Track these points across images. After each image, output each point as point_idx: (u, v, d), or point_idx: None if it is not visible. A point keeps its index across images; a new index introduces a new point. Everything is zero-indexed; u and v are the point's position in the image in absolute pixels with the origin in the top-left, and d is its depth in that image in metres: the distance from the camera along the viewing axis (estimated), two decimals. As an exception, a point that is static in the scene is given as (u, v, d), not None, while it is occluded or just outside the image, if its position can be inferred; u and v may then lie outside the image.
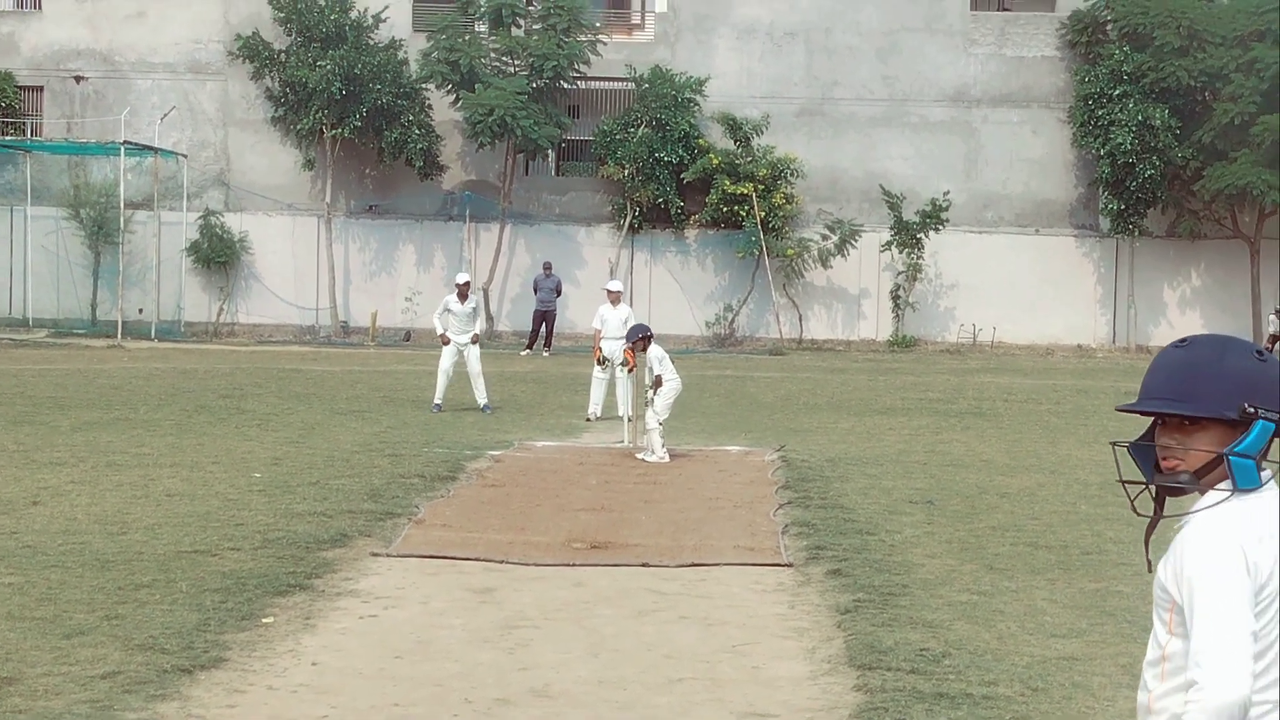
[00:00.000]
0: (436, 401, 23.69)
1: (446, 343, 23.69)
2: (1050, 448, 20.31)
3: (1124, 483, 3.81)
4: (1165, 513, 3.78)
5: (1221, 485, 3.65)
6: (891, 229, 42.27)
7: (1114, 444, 3.81)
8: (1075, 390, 30.10)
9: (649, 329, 20.19)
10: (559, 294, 40.63)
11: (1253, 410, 3.60)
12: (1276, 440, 3.67)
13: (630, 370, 20.52)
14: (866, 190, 43.10)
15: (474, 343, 23.78)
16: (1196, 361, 3.71)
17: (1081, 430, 22.63)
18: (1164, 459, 3.74)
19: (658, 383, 19.02)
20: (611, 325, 23.61)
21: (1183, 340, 3.79)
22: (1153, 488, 3.77)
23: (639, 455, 18.92)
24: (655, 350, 19.41)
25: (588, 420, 23.10)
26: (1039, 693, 8.37)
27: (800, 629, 10.08)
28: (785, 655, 9.41)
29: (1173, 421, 3.72)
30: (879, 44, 43.56)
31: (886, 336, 42.92)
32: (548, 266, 41.20)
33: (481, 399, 23.82)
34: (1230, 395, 3.62)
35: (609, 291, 24.65)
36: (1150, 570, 3.94)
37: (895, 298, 42.76)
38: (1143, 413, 3.75)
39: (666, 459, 18.54)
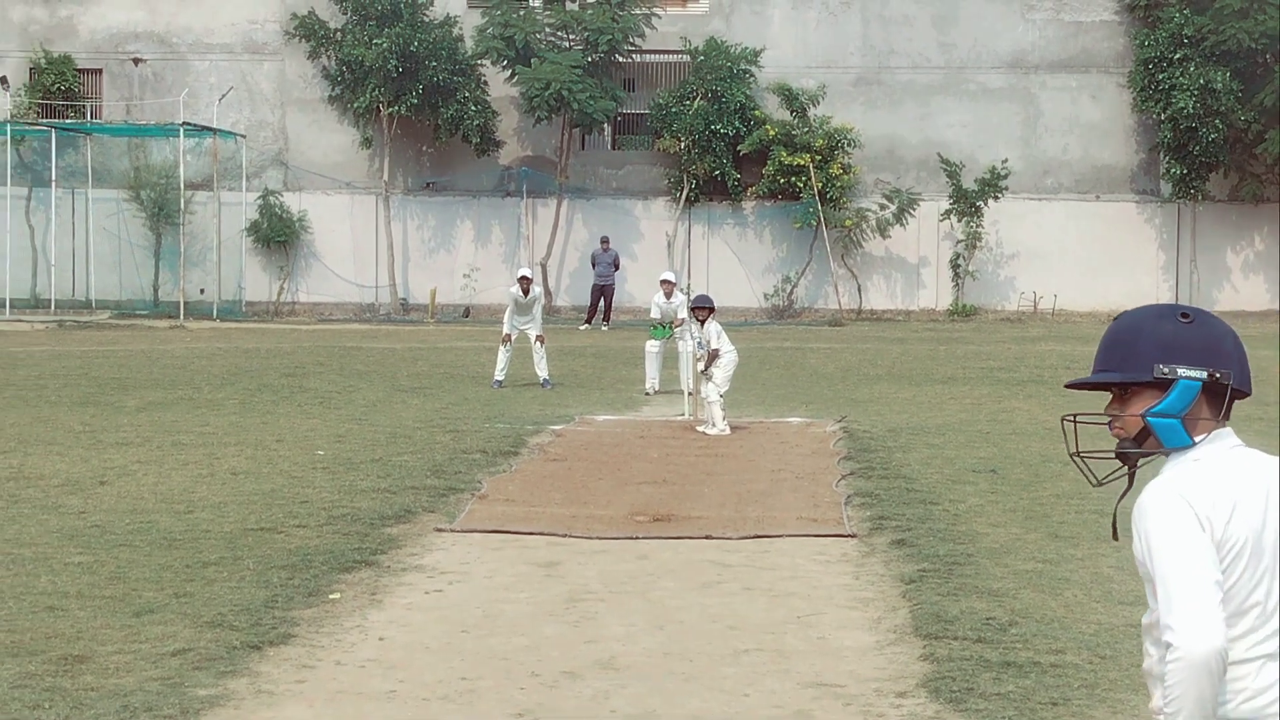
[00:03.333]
0: (497, 378, 23.80)
1: (507, 341, 23.96)
2: (1114, 415, 20.14)
3: (1077, 455, 3.95)
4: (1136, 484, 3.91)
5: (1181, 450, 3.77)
6: (950, 198, 42.04)
7: (1064, 419, 3.99)
8: (1138, 357, 29.85)
9: (712, 301, 20.27)
10: (617, 268, 40.66)
11: (1167, 371, 3.71)
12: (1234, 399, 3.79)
13: (676, 325, 21.57)
14: (924, 159, 42.87)
15: (540, 343, 24.03)
16: (1120, 331, 3.85)
17: (1145, 397, 22.46)
18: (1112, 429, 3.87)
19: (713, 356, 19.01)
20: (666, 316, 23.70)
21: (1120, 315, 3.93)
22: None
23: (699, 428, 18.92)
24: (713, 325, 19.42)
25: (646, 395, 23.11)
26: (1107, 660, 8.34)
27: (865, 599, 10.06)
28: (851, 625, 9.40)
29: (1115, 391, 3.86)
30: (935, 11, 43.27)
31: (946, 306, 42.70)
32: (605, 241, 41.18)
33: (543, 374, 23.97)
34: (1147, 359, 3.74)
35: (663, 282, 24.63)
36: (1115, 538, 4.26)
37: (955, 266, 42.55)
38: (1083, 385, 3.90)
39: (727, 431, 18.53)
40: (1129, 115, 42.99)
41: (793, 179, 41.79)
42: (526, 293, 24.59)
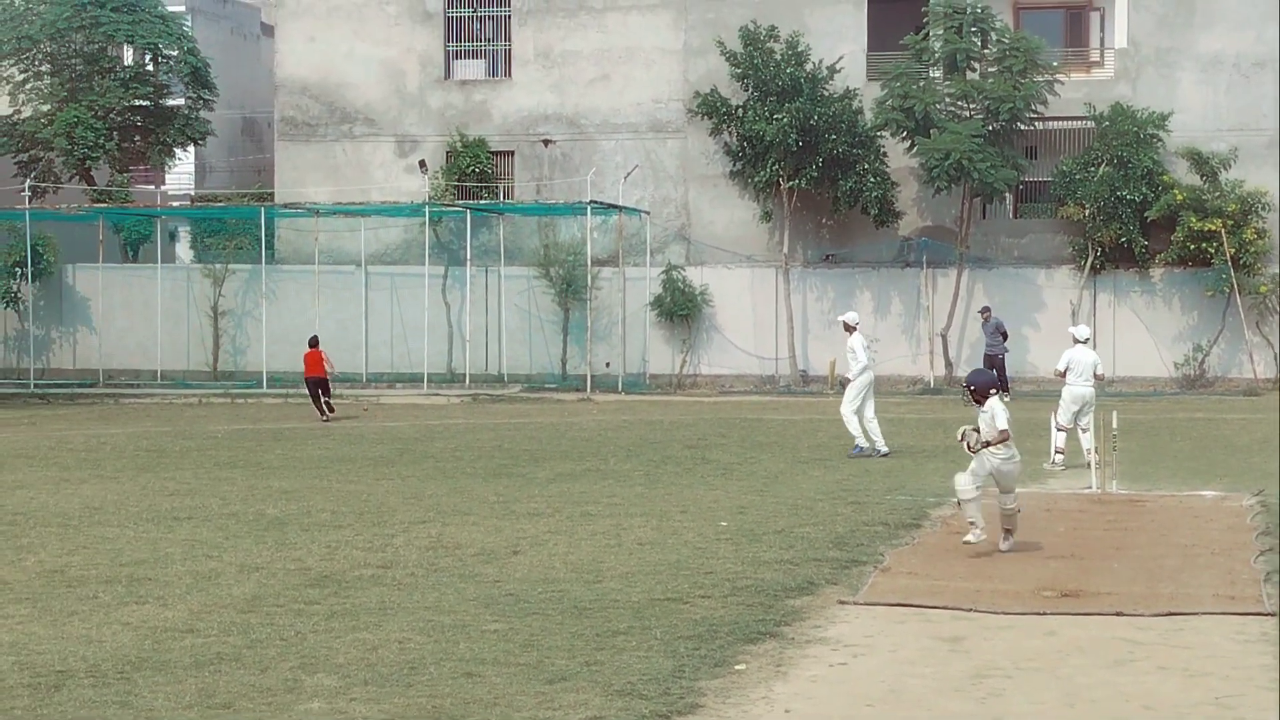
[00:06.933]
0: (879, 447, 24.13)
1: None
2: None
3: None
4: None
5: None
6: (1375, 261, 40.11)
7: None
8: None
9: (987, 378, 16.48)
10: (1005, 337, 39.47)
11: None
12: None
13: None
14: (1346, 222, 41.03)
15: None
16: None
17: None
18: None
19: (995, 440, 15.25)
20: (1081, 367, 23.07)
21: None
22: None
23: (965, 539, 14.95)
24: (996, 404, 15.61)
25: (1054, 465, 22.47)
26: None
27: (1288, 682, 9.66)
28: (1274, 708, 9.03)
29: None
30: (1356, 68, 41.49)
31: (1372, 374, 40.68)
32: (985, 311, 40.07)
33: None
34: None
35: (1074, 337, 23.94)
36: None
37: (1382, 333, 40.53)
38: None
39: (974, 539, 14.85)
40: None
41: (1203, 245, 40.50)
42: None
